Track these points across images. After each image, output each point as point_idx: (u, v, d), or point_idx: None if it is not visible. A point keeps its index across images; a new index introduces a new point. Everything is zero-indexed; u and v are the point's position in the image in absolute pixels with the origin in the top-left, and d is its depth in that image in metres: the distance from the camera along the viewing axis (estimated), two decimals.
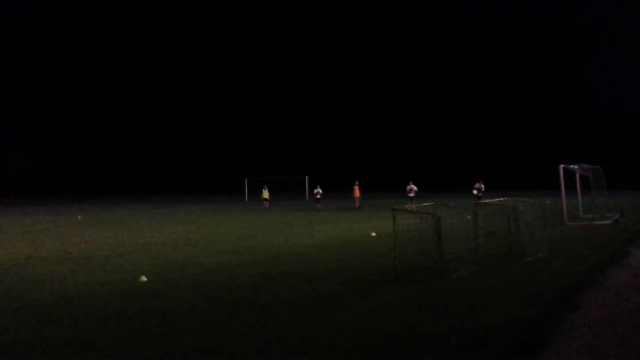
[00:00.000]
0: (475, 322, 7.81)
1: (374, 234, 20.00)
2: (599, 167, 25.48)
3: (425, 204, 12.97)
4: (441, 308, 8.70)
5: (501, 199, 15.40)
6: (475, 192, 34.57)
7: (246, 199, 55.11)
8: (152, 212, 40.13)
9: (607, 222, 21.73)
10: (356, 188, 38.19)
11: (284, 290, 10.39)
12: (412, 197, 35.23)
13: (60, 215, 37.28)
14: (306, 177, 53.53)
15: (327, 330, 7.63)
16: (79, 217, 34.57)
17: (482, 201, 15.19)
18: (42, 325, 8.26)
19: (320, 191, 38.09)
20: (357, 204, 37.77)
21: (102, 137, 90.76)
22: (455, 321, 7.87)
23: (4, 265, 14.41)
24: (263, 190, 40.50)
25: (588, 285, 10.07)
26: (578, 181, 24.53)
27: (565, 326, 7.51)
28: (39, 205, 52.99)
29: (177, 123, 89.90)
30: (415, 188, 35.92)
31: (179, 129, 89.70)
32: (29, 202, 59.36)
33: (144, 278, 11.82)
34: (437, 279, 10.86)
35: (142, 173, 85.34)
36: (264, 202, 39.60)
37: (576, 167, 23.73)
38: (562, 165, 22.69)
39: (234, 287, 10.79)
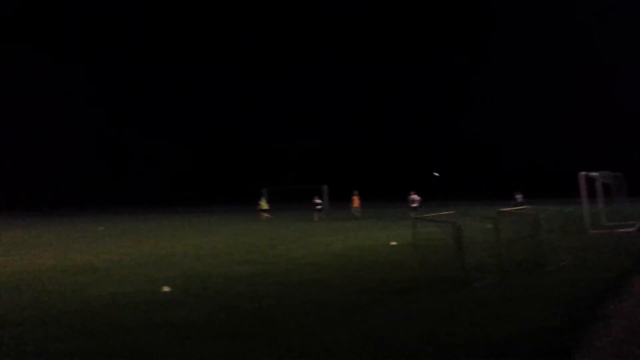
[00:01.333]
0: (497, 332, 7.77)
1: (393, 243, 19.95)
2: (620, 173, 25.19)
3: (445, 212, 12.93)
4: (463, 318, 8.66)
5: (521, 207, 15.31)
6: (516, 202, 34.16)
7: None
8: (171, 222, 40.42)
9: (631, 229, 21.45)
10: (355, 198, 37.79)
11: (305, 300, 10.41)
12: (415, 208, 34.33)
13: (82, 227, 37.70)
14: (325, 186, 53.39)
15: (347, 340, 7.63)
16: (101, 228, 34.92)
17: (504, 209, 15.09)
18: (66, 336, 8.36)
19: (320, 201, 37.72)
20: (357, 214, 37.31)
21: (119, 148, 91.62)
22: (478, 331, 7.84)
23: (28, 276, 14.60)
24: (260, 202, 39.82)
25: (612, 294, 9.96)
26: (600, 188, 24.27)
27: (589, 336, 7.44)
28: (60, 217, 53.63)
29: (195, 133, 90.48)
30: (418, 198, 35.13)
31: (197, 139, 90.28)
32: (49, 214, 60.10)
33: (166, 288, 11.91)
34: (459, 288, 10.81)
35: (159, 183, 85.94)
36: (263, 214, 39.02)
37: (597, 174, 23.49)
38: (582, 173, 22.48)
39: (254, 297, 10.84)
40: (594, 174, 23.29)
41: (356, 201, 37.86)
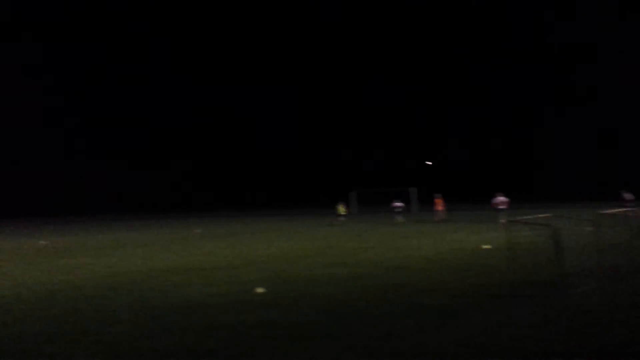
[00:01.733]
0: (599, 340, 7.41)
1: (485, 246, 19.41)
2: None
3: (542, 215, 12.46)
4: (561, 324, 8.33)
5: (622, 209, 14.52)
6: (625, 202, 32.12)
7: (352, 212, 55.38)
8: (260, 225, 41.36)
9: None
10: (438, 201, 37.04)
11: (396, 303, 10.37)
12: (502, 210, 32.69)
13: (179, 230, 39.30)
14: (415, 189, 52.76)
15: (442, 344, 7.53)
16: (197, 231, 36.27)
17: (605, 211, 14.35)
18: (164, 333, 8.74)
19: (400, 204, 37.58)
20: (440, 217, 36.56)
21: (210, 153, 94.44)
22: (577, 338, 7.51)
23: (128, 277, 15.39)
24: (339, 206, 39.14)
25: None
26: None
27: None
28: (158, 220, 56.16)
29: (280, 136, 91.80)
30: (505, 199, 33.43)
31: (283, 143, 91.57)
32: (148, 218, 63.04)
33: (259, 289, 12.21)
34: (557, 293, 10.39)
35: (249, 187, 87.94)
36: (339, 218, 38.53)
37: None
38: None
39: (346, 300, 10.91)
40: None
41: (440, 204, 37.24)
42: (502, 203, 33.05)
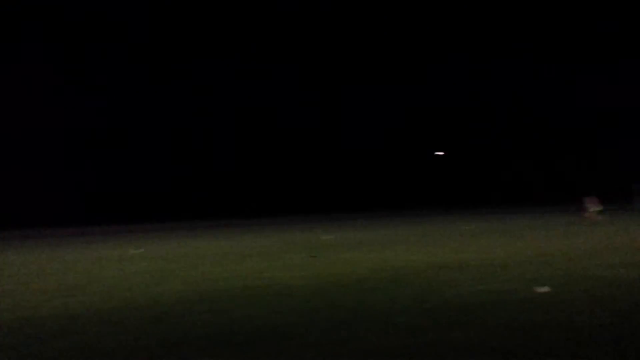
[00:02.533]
0: None
1: None
2: None
3: None
4: None
5: None
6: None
7: (635, 207, 49.50)
8: (522, 222, 39.62)
9: None
10: None
11: None
12: None
13: (448, 226, 39.59)
14: None
15: None
16: (466, 227, 36.14)
17: None
18: (447, 329, 8.74)
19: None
20: None
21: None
22: None
23: (408, 271, 15.75)
24: (588, 202, 34.38)
25: None
26: None
27: None
28: (426, 217, 57.26)
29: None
30: None
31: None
32: (417, 215, 64.71)
33: (542, 288, 11.63)
34: None
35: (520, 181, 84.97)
36: (590, 214, 34.37)
37: None
38: None
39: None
40: None
41: None
42: None
